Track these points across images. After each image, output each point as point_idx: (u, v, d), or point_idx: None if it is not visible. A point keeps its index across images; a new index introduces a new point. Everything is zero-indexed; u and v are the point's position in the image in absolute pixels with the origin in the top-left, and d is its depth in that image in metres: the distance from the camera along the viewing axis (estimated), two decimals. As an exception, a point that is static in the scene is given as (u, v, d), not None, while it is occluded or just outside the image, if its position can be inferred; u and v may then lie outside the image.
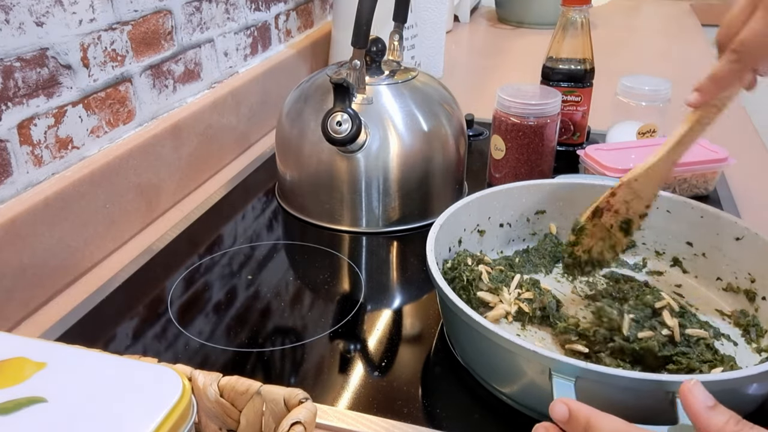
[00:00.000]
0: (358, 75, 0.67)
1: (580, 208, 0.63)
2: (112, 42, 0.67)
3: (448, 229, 0.57)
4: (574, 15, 0.82)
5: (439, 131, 0.71)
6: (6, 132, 0.56)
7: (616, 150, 0.75)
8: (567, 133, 0.87)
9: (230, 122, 0.89)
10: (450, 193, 0.75)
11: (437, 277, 0.49)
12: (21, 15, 0.56)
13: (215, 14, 0.85)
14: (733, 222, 0.56)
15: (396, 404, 0.47)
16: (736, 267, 0.56)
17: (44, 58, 0.59)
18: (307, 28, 1.16)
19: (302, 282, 0.63)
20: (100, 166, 0.64)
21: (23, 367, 0.35)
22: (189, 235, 0.71)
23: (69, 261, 0.62)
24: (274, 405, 0.38)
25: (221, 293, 0.61)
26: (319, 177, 0.70)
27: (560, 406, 0.37)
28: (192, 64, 0.81)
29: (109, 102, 0.68)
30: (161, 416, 0.32)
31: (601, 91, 0.89)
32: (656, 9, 1.84)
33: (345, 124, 0.64)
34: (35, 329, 0.56)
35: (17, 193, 0.58)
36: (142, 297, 0.60)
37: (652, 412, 0.39)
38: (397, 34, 0.77)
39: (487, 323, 0.43)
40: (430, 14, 1.15)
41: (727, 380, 0.39)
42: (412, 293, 0.62)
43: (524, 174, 0.76)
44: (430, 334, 0.55)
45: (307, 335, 0.55)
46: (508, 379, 0.46)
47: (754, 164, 0.87)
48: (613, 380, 0.39)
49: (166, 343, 0.54)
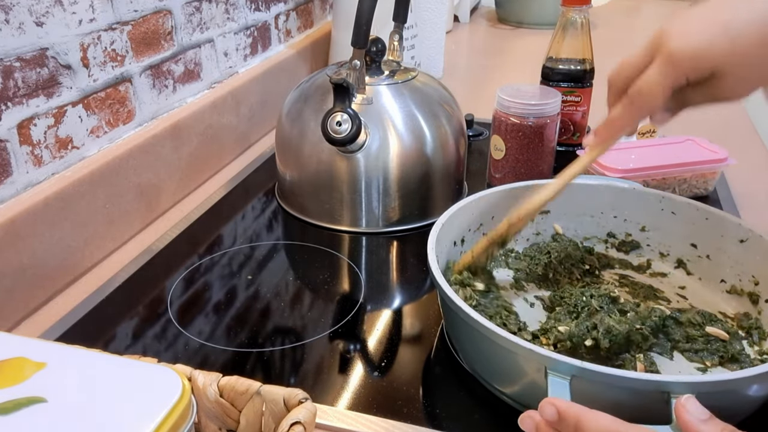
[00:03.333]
0: (358, 75, 0.67)
1: (583, 207, 0.64)
2: (112, 42, 0.67)
3: (450, 229, 0.57)
4: (574, 15, 0.82)
5: (439, 131, 0.71)
6: (6, 132, 0.56)
7: (615, 150, 0.75)
8: (567, 133, 0.87)
9: (230, 122, 0.89)
10: (450, 193, 0.75)
11: (438, 276, 0.49)
12: (21, 15, 0.56)
13: (215, 14, 0.85)
14: (738, 224, 0.56)
15: (396, 404, 0.47)
16: (740, 269, 0.56)
17: (44, 58, 0.59)
18: (307, 28, 1.16)
19: (302, 282, 0.63)
20: (99, 166, 0.64)
21: (23, 367, 0.35)
22: (189, 235, 0.71)
23: (69, 261, 0.62)
24: (273, 405, 0.38)
25: (221, 293, 0.61)
26: (319, 177, 0.70)
27: (549, 407, 0.37)
28: (192, 64, 0.81)
29: (108, 102, 0.68)
30: (161, 416, 0.32)
31: (601, 91, 0.88)
32: (656, 9, 1.84)
33: (345, 124, 0.64)
34: (35, 329, 0.56)
35: (17, 193, 0.58)
36: (142, 297, 0.60)
37: (646, 410, 0.39)
38: (397, 34, 0.77)
39: (487, 323, 0.43)
40: (430, 14, 1.15)
41: (727, 380, 0.39)
42: (412, 293, 0.62)
43: (524, 174, 0.76)
44: (430, 334, 0.55)
45: (306, 335, 0.55)
46: (508, 378, 0.46)
47: (754, 164, 0.87)
48: (608, 379, 0.39)
49: (166, 343, 0.54)
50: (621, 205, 0.63)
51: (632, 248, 0.63)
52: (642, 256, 0.63)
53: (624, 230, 0.64)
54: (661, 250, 0.62)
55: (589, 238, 0.65)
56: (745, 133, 0.97)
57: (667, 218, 0.61)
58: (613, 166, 0.72)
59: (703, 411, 0.35)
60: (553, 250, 0.61)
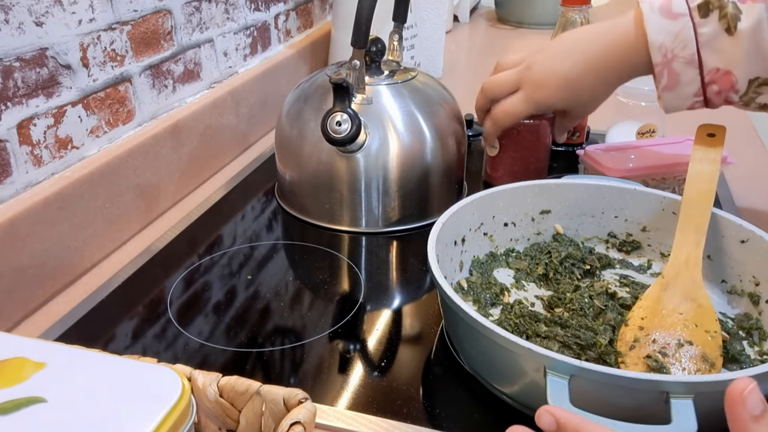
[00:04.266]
0: (357, 75, 0.67)
1: (584, 208, 0.64)
2: (112, 42, 0.67)
3: (451, 228, 0.57)
4: (573, 15, 0.82)
5: (439, 131, 0.71)
6: (5, 132, 0.56)
7: (615, 150, 0.75)
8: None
9: (230, 122, 0.89)
10: (450, 194, 0.75)
11: (438, 276, 0.49)
12: (20, 15, 0.56)
13: (215, 14, 0.85)
14: (739, 225, 0.56)
15: (396, 404, 0.47)
16: (741, 270, 0.56)
17: (44, 58, 0.59)
18: (307, 28, 1.16)
19: (302, 282, 0.63)
20: (99, 166, 0.64)
21: (23, 367, 0.35)
22: (188, 235, 0.71)
23: (68, 261, 0.62)
24: (273, 405, 0.38)
25: (221, 293, 0.61)
26: (318, 177, 0.70)
27: (547, 417, 0.35)
28: (191, 64, 0.81)
29: (108, 102, 0.68)
30: (161, 416, 0.32)
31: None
32: (656, 9, 1.84)
33: (345, 124, 0.64)
34: (35, 329, 0.56)
35: (17, 193, 0.58)
36: (142, 297, 0.60)
37: (645, 411, 0.39)
38: (397, 34, 0.77)
39: (486, 322, 0.43)
40: (430, 14, 1.15)
41: (727, 381, 0.39)
42: (412, 293, 0.62)
43: (519, 172, 0.76)
44: (430, 334, 0.55)
45: (306, 335, 0.55)
46: (508, 378, 0.46)
47: (754, 164, 0.87)
48: (608, 379, 0.39)
49: (166, 343, 0.54)
50: (622, 205, 0.63)
51: (633, 248, 0.63)
52: (643, 256, 0.63)
53: (625, 230, 0.64)
54: (662, 251, 0.62)
55: (589, 239, 0.65)
56: (745, 133, 0.97)
57: (668, 218, 0.61)
58: (613, 166, 0.71)
59: (757, 404, 0.31)
60: (553, 250, 0.61)
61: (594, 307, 0.53)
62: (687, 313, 0.50)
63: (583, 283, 0.59)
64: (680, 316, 0.49)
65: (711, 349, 0.47)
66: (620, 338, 0.50)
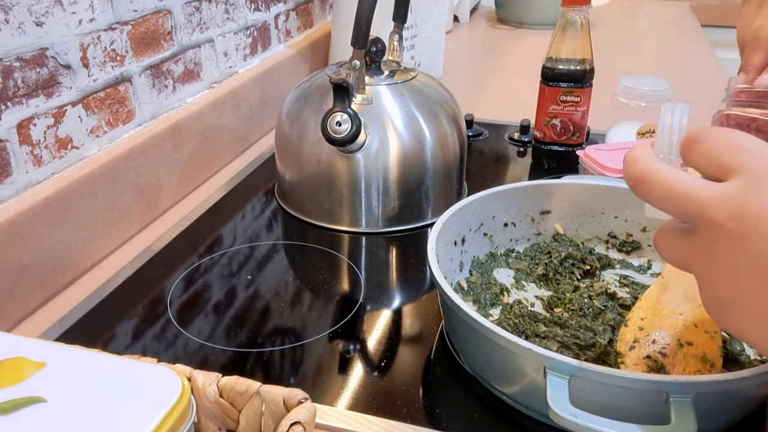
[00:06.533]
0: (357, 75, 0.67)
1: (584, 208, 0.64)
2: (112, 42, 0.67)
3: (451, 229, 0.57)
4: (573, 15, 0.82)
5: (439, 131, 0.71)
6: (5, 132, 0.56)
7: (615, 150, 0.75)
8: (567, 133, 0.87)
9: (230, 122, 0.89)
10: (450, 194, 0.75)
11: (438, 276, 0.49)
12: (21, 15, 0.56)
13: (215, 14, 0.85)
14: None
15: (396, 404, 0.47)
16: None
17: (44, 58, 0.59)
18: (307, 29, 1.16)
19: (302, 282, 0.63)
20: (99, 166, 0.64)
21: (22, 367, 0.35)
22: (188, 235, 0.71)
23: (68, 261, 0.62)
24: (273, 405, 0.38)
25: (221, 293, 0.61)
26: (318, 177, 0.70)
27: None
28: (192, 64, 0.81)
29: (108, 102, 0.68)
30: (161, 416, 0.32)
31: (601, 92, 0.89)
32: (656, 9, 1.84)
33: (345, 124, 0.64)
34: (35, 329, 0.56)
35: (17, 193, 0.58)
36: (142, 297, 0.60)
37: (645, 411, 0.39)
38: (397, 35, 0.77)
39: (486, 322, 0.43)
40: (430, 14, 1.15)
41: (727, 381, 0.39)
42: (412, 293, 0.62)
43: None
44: (430, 334, 0.55)
45: (306, 335, 0.55)
46: (508, 378, 0.46)
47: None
48: (607, 379, 0.39)
49: (166, 343, 0.54)
50: (622, 205, 0.63)
51: (633, 249, 0.63)
52: (643, 256, 0.63)
53: (625, 230, 0.64)
54: (662, 251, 0.62)
55: (589, 239, 0.65)
56: (745, 133, 0.97)
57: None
58: (614, 166, 0.72)
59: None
60: (553, 251, 0.61)
61: (594, 307, 0.53)
62: (687, 313, 0.50)
63: (582, 283, 0.59)
64: (680, 317, 0.49)
65: (711, 350, 0.47)
66: (620, 339, 0.49)
